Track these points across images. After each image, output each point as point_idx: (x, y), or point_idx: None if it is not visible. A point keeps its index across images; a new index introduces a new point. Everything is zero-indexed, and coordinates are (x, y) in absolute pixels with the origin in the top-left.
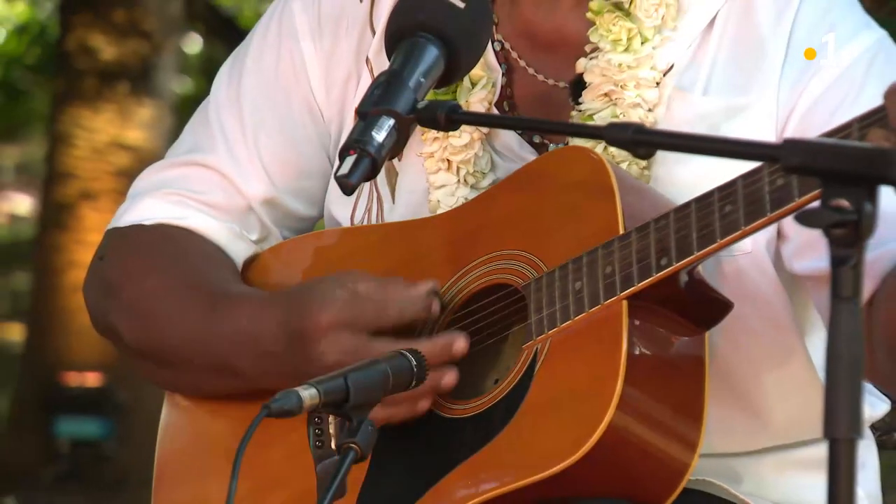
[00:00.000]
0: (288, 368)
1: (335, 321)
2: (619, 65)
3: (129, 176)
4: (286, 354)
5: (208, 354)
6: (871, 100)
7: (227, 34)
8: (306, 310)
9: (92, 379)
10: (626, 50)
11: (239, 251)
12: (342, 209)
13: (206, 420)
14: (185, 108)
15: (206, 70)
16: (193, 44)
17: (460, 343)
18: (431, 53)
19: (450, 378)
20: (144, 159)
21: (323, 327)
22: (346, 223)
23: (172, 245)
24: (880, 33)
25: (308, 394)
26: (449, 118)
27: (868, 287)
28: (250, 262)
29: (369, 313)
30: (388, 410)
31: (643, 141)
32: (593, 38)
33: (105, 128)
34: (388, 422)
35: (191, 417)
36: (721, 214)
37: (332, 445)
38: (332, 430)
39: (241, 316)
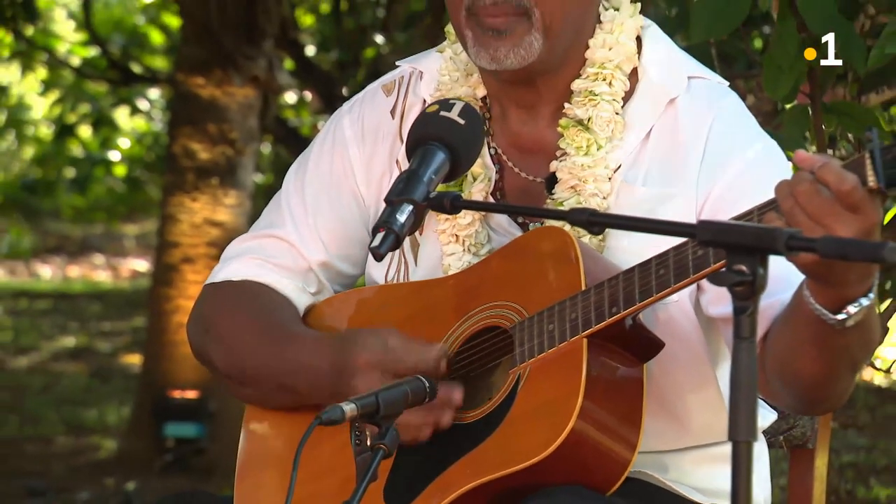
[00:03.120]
0: (333, 391)
1: (369, 363)
2: (581, 165)
3: (218, 246)
4: (333, 383)
5: (276, 377)
6: (765, 192)
7: (291, 140)
8: (349, 352)
9: (191, 394)
10: (586, 154)
11: (302, 301)
12: (378, 271)
13: (274, 426)
14: (260, 196)
15: (275, 167)
16: (266, 148)
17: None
18: (440, 157)
19: (458, 394)
20: (230, 233)
21: (360, 366)
22: (381, 281)
23: (253, 295)
24: (772, 142)
25: (349, 407)
26: (453, 205)
27: (762, 327)
28: (309, 309)
29: (394, 361)
30: (421, 420)
31: (596, 222)
32: (562, 145)
33: (201, 210)
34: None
35: (263, 424)
36: (657, 276)
37: (368, 444)
38: (367, 434)
39: (302, 351)
